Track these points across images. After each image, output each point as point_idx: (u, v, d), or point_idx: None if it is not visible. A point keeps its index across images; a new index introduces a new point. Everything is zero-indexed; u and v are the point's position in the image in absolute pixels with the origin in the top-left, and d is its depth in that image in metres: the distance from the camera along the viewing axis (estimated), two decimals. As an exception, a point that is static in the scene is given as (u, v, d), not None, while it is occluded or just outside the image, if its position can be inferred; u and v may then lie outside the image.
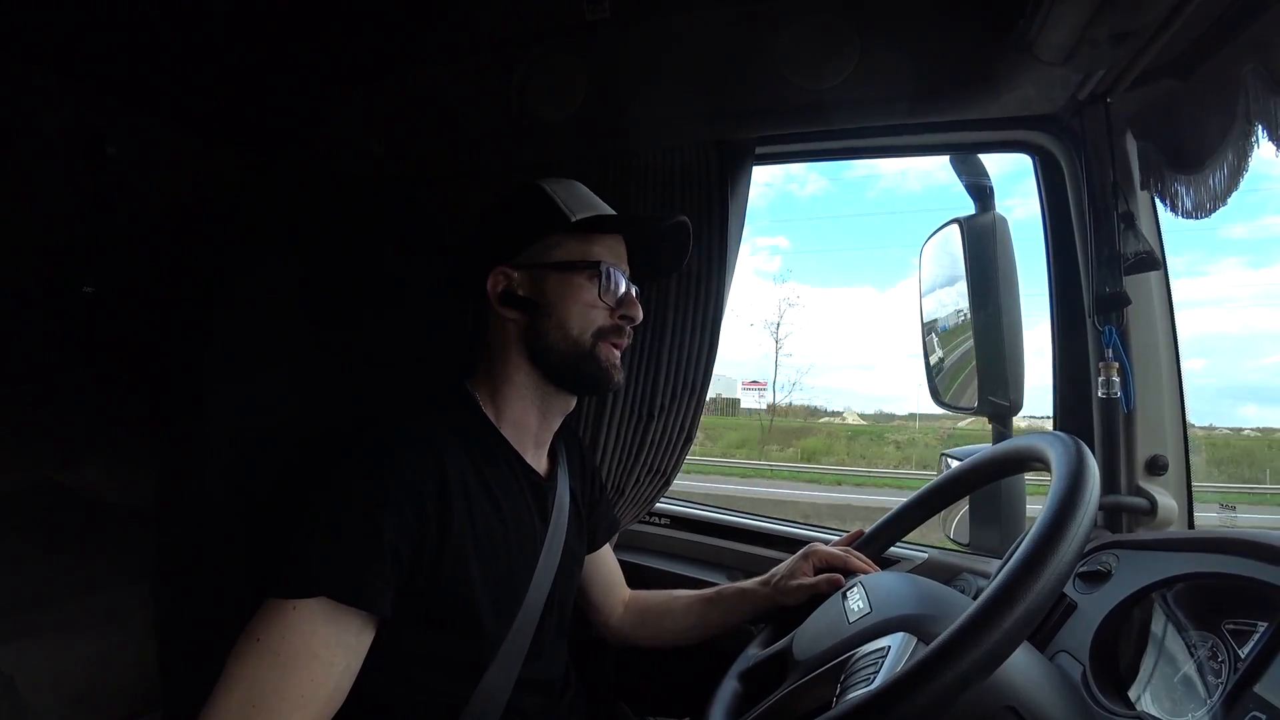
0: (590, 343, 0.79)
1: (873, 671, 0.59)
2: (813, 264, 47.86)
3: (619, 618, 1.02)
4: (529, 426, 0.82)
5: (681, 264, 0.91)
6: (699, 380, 1.11)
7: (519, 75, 1.12)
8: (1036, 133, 1.05)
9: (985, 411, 1.11)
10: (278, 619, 0.61)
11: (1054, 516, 0.55)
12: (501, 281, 0.80)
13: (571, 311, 0.78)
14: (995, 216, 1.10)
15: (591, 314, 0.79)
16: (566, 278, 0.79)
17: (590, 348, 0.79)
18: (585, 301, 0.79)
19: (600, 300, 0.79)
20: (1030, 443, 0.73)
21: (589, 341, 0.79)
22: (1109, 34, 0.78)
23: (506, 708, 0.75)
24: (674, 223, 0.85)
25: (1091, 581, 0.76)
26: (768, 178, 11.15)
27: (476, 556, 0.71)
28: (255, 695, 0.58)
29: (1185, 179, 0.87)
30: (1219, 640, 0.62)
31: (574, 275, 0.79)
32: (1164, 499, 0.93)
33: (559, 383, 0.81)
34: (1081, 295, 1.01)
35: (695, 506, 1.41)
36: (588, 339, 0.79)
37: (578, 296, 0.79)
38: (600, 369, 0.80)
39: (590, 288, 0.79)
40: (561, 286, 0.79)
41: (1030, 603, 0.51)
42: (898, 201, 56.74)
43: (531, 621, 0.77)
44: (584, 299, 0.79)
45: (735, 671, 0.79)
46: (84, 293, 1.07)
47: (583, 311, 0.79)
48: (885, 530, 0.94)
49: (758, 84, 1.03)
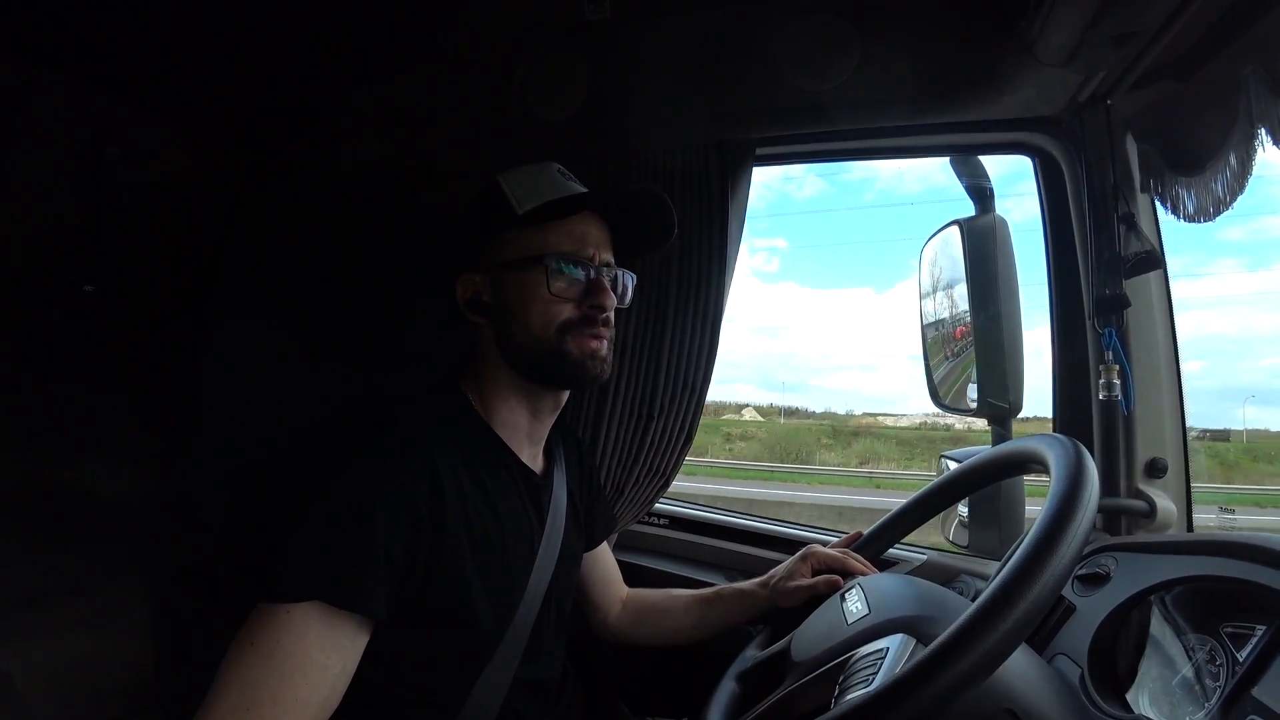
0: (556, 339, 0.76)
1: (871, 673, 0.59)
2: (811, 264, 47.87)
3: (616, 616, 1.02)
4: (520, 425, 0.82)
5: (670, 236, 0.85)
6: (699, 380, 1.10)
7: (519, 75, 1.11)
8: (1037, 134, 1.05)
9: (985, 413, 1.11)
10: (271, 623, 0.60)
11: (1053, 519, 0.55)
12: (469, 288, 0.79)
13: (532, 310, 0.76)
14: (995, 218, 1.10)
15: (552, 310, 0.76)
16: (520, 276, 0.77)
17: (557, 344, 0.76)
18: (541, 298, 0.76)
19: (553, 294, 0.75)
20: (1029, 445, 0.73)
21: (554, 338, 0.76)
22: (1110, 36, 0.78)
23: (502, 708, 0.75)
24: (638, 189, 0.81)
25: (1090, 584, 0.76)
26: (765, 179, 11.16)
27: (472, 557, 0.71)
28: (249, 699, 0.58)
29: (1186, 181, 0.87)
30: (1217, 643, 0.62)
31: (526, 273, 0.76)
32: (1163, 502, 0.92)
33: (538, 381, 0.80)
34: (1081, 297, 1.01)
35: (694, 507, 1.41)
36: (551, 335, 0.76)
37: (534, 293, 0.76)
38: (573, 363, 0.76)
39: (544, 283, 0.76)
40: (518, 286, 0.77)
41: (1029, 605, 0.51)
42: (895, 203, 56.98)
43: (529, 621, 0.77)
44: (540, 295, 0.76)
45: (733, 672, 0.79)
46: (84, 292, 1.07)
47: (542, 309, 0.76)
48: (884, 532, 0.94)
49: (758, 84, 1.03)
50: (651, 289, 1.08)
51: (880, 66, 0.98)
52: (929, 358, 1.20)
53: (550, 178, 0.81)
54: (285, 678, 0.59)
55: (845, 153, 1.20)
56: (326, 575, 0.62)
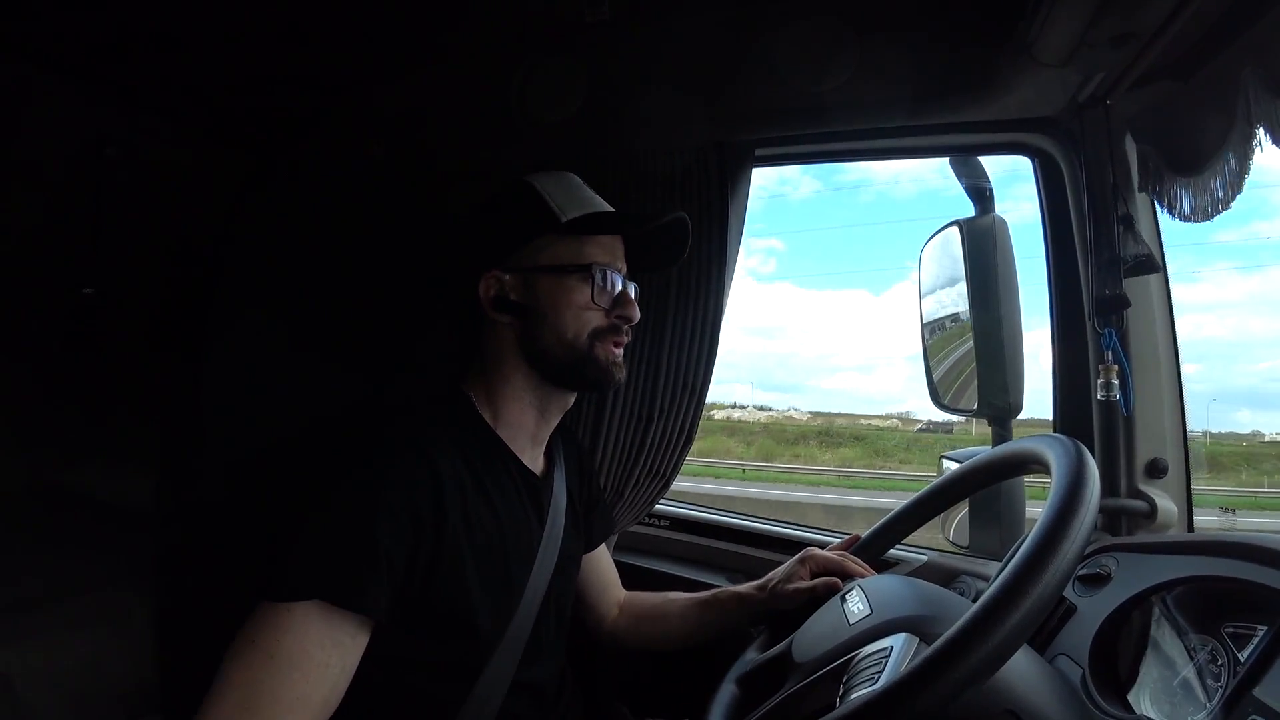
0: (587, 344, 0.78)
1: (877, 671, 0.59)
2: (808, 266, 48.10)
3: (613, 620, 1.02)
4: (527, 425, 0.82)
5: (680, 258, 0.90)
6: (699, 382, 1.10)
7: (519, 75, 1.12)
8: (1036, 135, 1.05)
9: (985, 414, 1.11)
10: (273, 621, 0.61)
11: (1054, 519, 0.54)
12: (494, 286, 0.79)
13: (565, 315, 0.78)
14: (995, 219, 1.10)
15: (586, 316, 0.78)
16: (559, 280, 0.78)
17: (588, 349, 0.78)
18: (579, 304, 0.78)
19: (594, 303, 0.78)
20: (1029, 445, 0.73)
21: (585, 344, 0.78)
22: (1108, 36, 0.78)
23: (501, 710, 0.75)
24: (671, 219, 0.84)
25: (1091, 584, 0.76)
26: (761, 181, 11.21)
27: (473, 559, 0.71)
28: (251, 698, 0.58)
29: (1185, 181, 0.87)
30: (1218, 643, 0.62)
31: (567, 278, 0.78)
32: (1164, 502, 0.92)
33: (558, 383, 0.81)
34: (1081, 297, 1.01)
35: (694, 508, 1.41)
36: (584, 341, 0.78)
37: (571, 300, 0.78)
38: (600, 369, 0.79)
39: (584, 290, 0.78)
40: (554, 290, 0.78)
41: (1032, 603, 0.51)
42: (891, 204, 57.40)
43: (528, 623, 0.77)
44: (577, 302, 0.78)
45: (733, 675, 0.78)
46: (84, 294, 1.07)
47: (577, 314, 0.78)
48: (883, 533, 0.94)
49: (758, 86, 1.03)
50: (651, 290, 1.08)
51: (879, 68, 0.98)
52: (929, 358, 1.20)
53: (581, 188, 0.84)
54: (286, 676, 0.59)
55: (845, 154, 1.20)
56: (328, 575, 0.63)
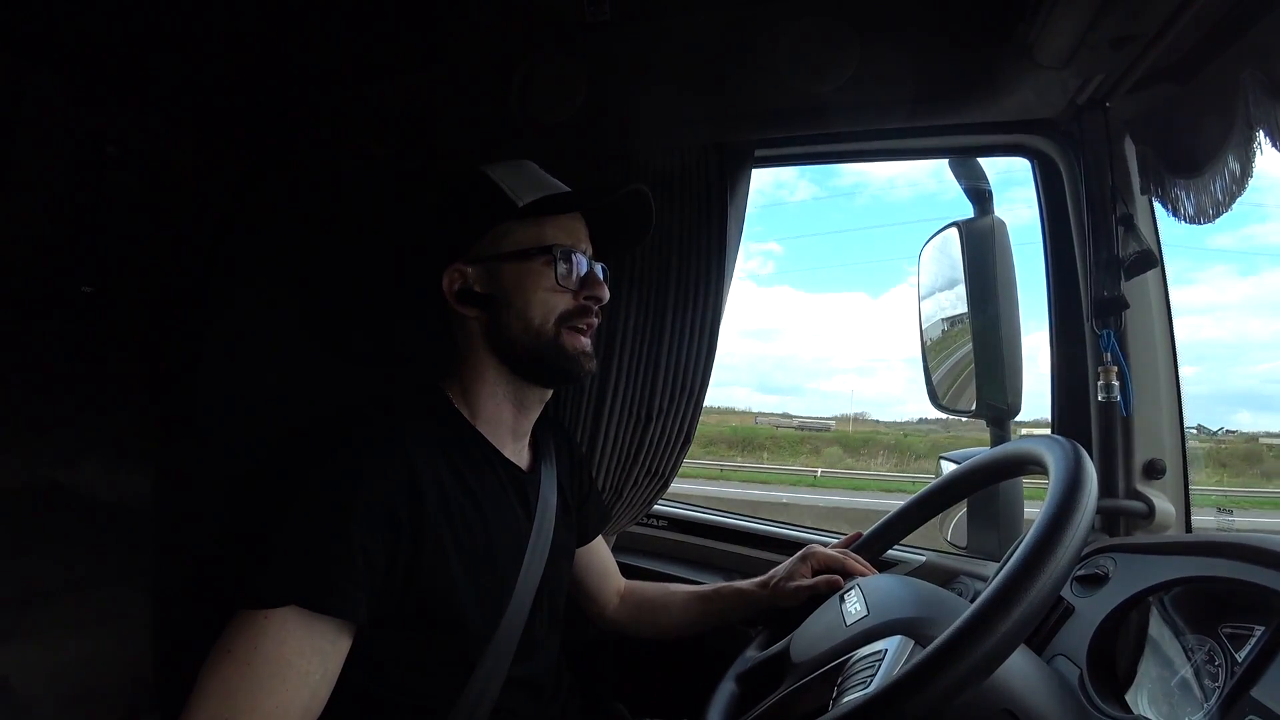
0: (554, 331, 0.77)
1: (869, 674, 0.59)
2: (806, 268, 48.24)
3: (614, 609, 1.02)
4: (505, 420, 0.81)
5: (647, 235, 0.88)
6: (697, 382, 1.10)
7: (519, 75, 1.11)
8: (1035, 137, 1.05)
9: (983, 415, 1.11)
10: (249, 629, 0.60)
11: (1051, 520, 0.55)
12: (457, 279, 0.79)
13: (532, 300, 0.77)
14: (994, 220, 1.10)
15: (552, 300, 0.77)
16: (522, 266, 0.77)
17: (554, 336, 0.77)
18: (544, 288, 0.77)
19: (559, 285, 0.77)
20: (1028, 446, 0.73)
21: (553, 331, 0.77)
22: (1108, 38, 0.78)
23: (495, 706, 0.74)
24: (628, 191, 0.82)
25: (1089, 585, 0.76)
26: (758, 185, 11.40)
27: (457, 556, 0.70)
28: (228, 708, 0.57)
29: (1185, 183, 0.87)
30: (1216, 644, 0.62)
31: (529, 262, 0.77)
32: (1161, 503, 0.92)
33: (528, 376, 0.80)
34: (1080, 299, 1.01)
35: (693, 509, 1.41)
36: (550, 327, 0.77)
37: (536, 284, 0.77)
38: (568, 358, 0.78)
39: (547, 273, 0.77)
40: (518, 276, 0.77)
41: (1027, 606, 0.51)
42: (886, 208, 57.63)
43: (520, 619, 0.76)
44: (543, 285, 0.77)
45: (733, 673, 0.79)
46: (82, 292, 1.07)
47: (543, 299, 0.77)
48: (883, 533, 0.94)
49: (758, 87, 1.03)
50: (650, 291, 1.08)
51: (879, 69, 0.98)
52: (928, 359, 1.20)
53: (537, 173, 0.82)
54: (264, 685, 0.58)
55: (844, 155, 1.20)
56: (303, 579, 0.61)
